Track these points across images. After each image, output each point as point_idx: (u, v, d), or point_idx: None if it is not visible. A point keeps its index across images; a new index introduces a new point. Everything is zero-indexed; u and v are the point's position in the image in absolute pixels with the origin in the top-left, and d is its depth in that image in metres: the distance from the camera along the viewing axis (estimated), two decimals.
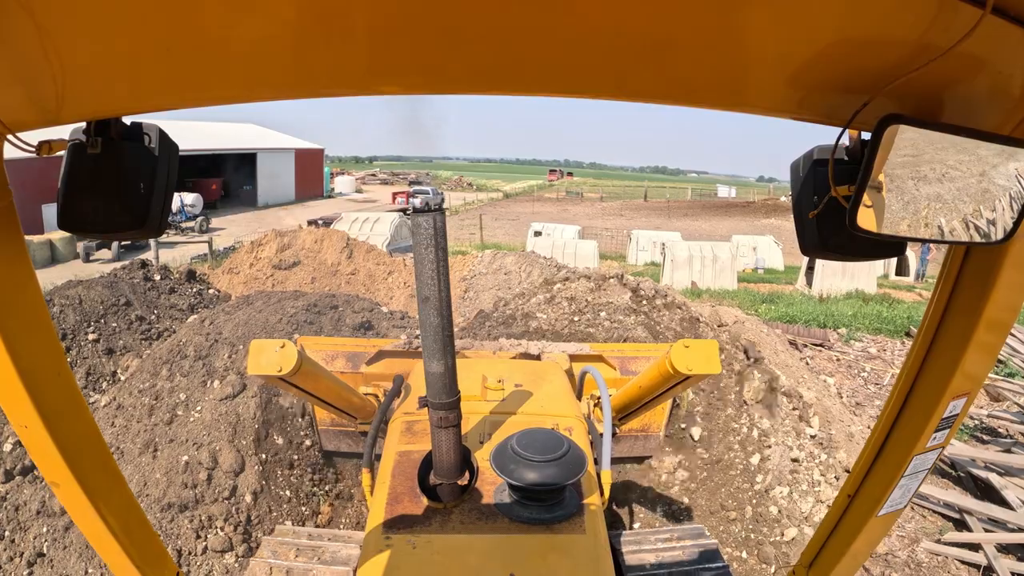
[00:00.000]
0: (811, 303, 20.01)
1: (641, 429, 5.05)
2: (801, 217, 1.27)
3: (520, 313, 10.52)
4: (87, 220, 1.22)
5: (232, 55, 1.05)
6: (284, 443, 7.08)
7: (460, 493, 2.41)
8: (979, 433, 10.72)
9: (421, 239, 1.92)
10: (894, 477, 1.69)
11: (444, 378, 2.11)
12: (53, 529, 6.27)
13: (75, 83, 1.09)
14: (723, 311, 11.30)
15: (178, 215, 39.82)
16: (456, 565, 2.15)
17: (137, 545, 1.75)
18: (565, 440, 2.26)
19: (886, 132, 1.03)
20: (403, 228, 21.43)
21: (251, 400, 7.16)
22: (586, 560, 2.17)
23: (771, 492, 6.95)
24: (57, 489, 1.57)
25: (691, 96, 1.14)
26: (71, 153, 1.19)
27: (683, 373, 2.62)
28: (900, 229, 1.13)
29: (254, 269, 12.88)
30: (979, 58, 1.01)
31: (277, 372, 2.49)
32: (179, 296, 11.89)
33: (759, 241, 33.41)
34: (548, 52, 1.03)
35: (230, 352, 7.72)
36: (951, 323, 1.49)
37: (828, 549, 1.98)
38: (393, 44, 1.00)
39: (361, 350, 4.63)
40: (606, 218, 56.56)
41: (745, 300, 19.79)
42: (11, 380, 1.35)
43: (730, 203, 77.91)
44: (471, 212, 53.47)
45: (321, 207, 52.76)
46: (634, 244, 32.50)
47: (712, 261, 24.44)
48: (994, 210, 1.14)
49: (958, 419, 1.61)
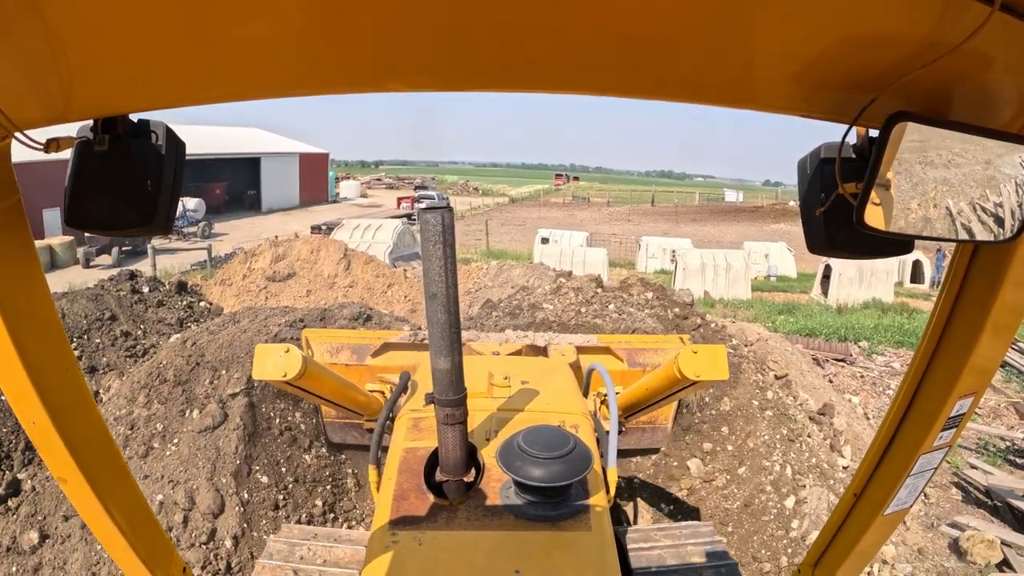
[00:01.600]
0: (829, 314, 19.31)
1: (649, 421, 4.99)
2: (808, 215, 1.27)
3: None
4: (94, 217, 1.23)
5: (238, 53, 1.05)
6: (269, 481, 6.41)
7: (466, 490, 2.40)
8: (1012, 456, 10.06)
9: (429, 236, 1.88)
10: (900, 476, 1.70)
11: (451, 375, 2.09)
12: (23, 569, 5.77)
13: (82, 81, 1.10)
14: (745, 329, 10.62)
15: (180, 220, 39.70)
16: (462, 562, 2.14)
17: (144, 541, 1.79)
18: (571, 437, 2.27)
19: (893, 130, 1.02)
20: (406, 235, 20.78)
21: (232, 433, 6.49)
22: (592, 557, 2.17)
23: (808, 539, 6.23)
24: (65, 485, 1.59)
25: (697, 93, 1.14)
26: (78, 150, 1.19)
27: (691, 379, 2.59)
28: (907, 227, 1.12)
29: (247, 281, 12.23)
30: (987, 55, 0.99)
31: (282, 377, 2.50)
32: (168, 309, 11.25)
33: (771, 248, 32.77)
34: (554, 49, 1.03)
35: (211, 377, 7.07)
36: (958, 322, 1.49)
37: (834, 548, 1.99)
38: (399, 42, 1.00)
39: (366, 342, 4.56)
40: (613, 223, 56.07)
41: (761, 311, 19.08)
42: (19, 377, 1.36)
43: (738, 208, 77.44)
44: (477, 217, 53.04)
45: (325, 212, 52.56)
46: (643, 251, 31.83)
47: (725, 270, 23.74)
48: (1002, 208, 1.12)
49: (965, 418, 1.61)
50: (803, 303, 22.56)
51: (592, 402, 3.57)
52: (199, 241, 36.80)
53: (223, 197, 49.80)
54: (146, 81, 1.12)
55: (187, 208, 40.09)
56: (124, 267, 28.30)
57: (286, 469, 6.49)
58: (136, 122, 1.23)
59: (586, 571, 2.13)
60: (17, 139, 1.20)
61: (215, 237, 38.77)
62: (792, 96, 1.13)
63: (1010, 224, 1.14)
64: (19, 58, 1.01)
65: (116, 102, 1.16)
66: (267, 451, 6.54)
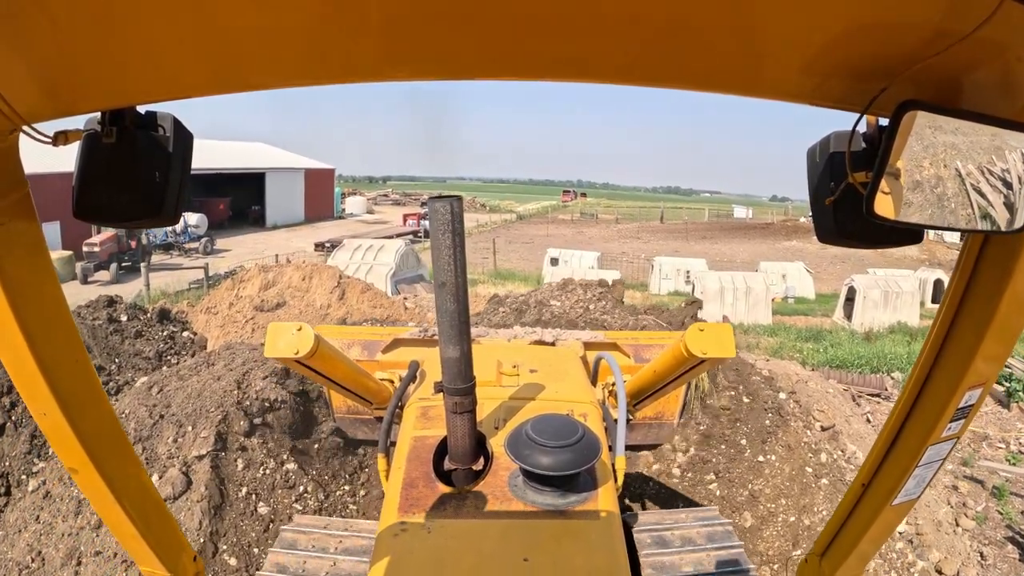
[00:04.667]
0: (858, 342, 18.21)
1: (655, 417, 4.95)
2: (817, 204, 1.26)
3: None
4: (103, 209, 1.23)
5: (245, 43, 1.04)
6: (238, 564, 5.39)
7: (475, 478, 2.40)
8: None
9: (438, 224, 1.87)
10: (908, 467, 1.70)
11: (460, 364, 2.08)
12: None
13: (89, 73, 1.10)
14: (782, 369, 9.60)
15: (182, 236, 39.17)
16: (471, 550, 2.14)
17: (155, 530, 1.82)
18: (580, 426, 2.28)
19: (904, 118, 1.01)
20: (409, 256, 19.77)
21: (196, 505, 5.50)
22: (600, 545, 2.17)
23: None
24: (76, 475, 1.63)
25: (707, 81, 1.13)
26: (86, 143, 1.20)
27: (698, 356, 2.54)
28: (917, 216, 1.10)
29: (233, 310, 11.28)
30: (999, 43, 0.96)
31: (294, 355, 2.47)
32: (147, 341, 10.30)
33: (788, 268, 31.74)
34: (562, 36, 1.01)
35: (176, 434, 6.08)
36: (968, 313, 1.47)
37: (841, 538, 1.99)
38: (406, 30, 0.99)
39: (377, 338, 4.55)
40: (623, 241, 55.20)
41: (786, 340, 17.97)
42: (30, 368, 1.38)
43: (748, 225, 76.38)
44: (484, 235, 52.28)
45: (330, 228, 52.01)
46: (656, 272, 30.75)
47: (745, 293, 22.68)
48: (1013, 198, 1.10)
49: (973, 409, 1.60)
50: (827, 328, 21.47)
51: (600, 391, 3.51)
52: (200, 257, 36.21)
53: (227, 212, 49.48)
54: (153, 73, 1.12)
55: (189, 223, 39.55)
56: (122, 283, 27.87)
57: (259, 551, 5.47)
58: (143, 114, 1.23)
59: (594, 559, 2.14)
60: (25, 133, 1.19)
61: (217, 253, 38.15)
62: (803, 84, 1.12)
63: (1021, 214, 1.11)
64: (26, 52, 1.01)
65: (123, 94, 1.16)
66: (236, 527, 5.53)
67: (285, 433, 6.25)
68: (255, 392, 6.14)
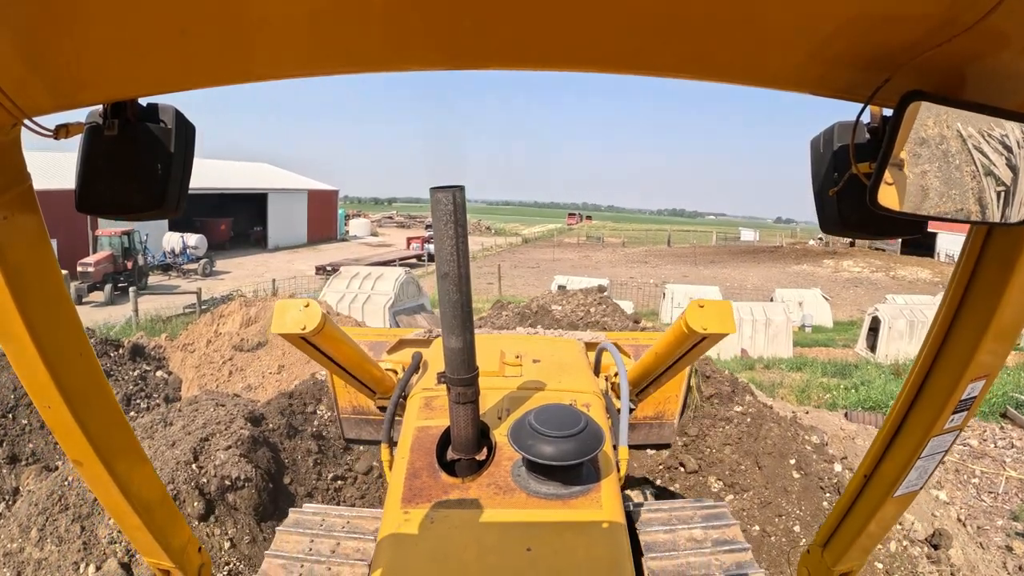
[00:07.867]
0: (887, 378, 17.00)
1: (655, 416, 4.85)
2: (821, 194, 1.26)
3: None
4: (105, 201, 1.23)
5: (247, 34, 1.03)
6: None
7: (478, 468, 2.40)
8: None
9: (440, 215, 1.86)
10: (911, 458, 1.69)
11: (463, 354, 2.08)
12: None
13: (90, 66, 1.09)
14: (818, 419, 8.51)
15: (180, 257, 38.46)
16: (473, 540, 2.15)
17: (159, 521, 1.82)
18: (582, 416, 2.29)
19: (908, 109, 1.00)
20: (409, 285, 18.70)
21: None
22: (602, 535, 2.18)
23: None
24: (80, 468, 1.62)
25: (710, 70, 1.12)
26: (88, 136, 1.19)
27: (699, 333, 2.47)
28: (921, 207, 1.08)
29: (211, 348, 10.22)
30: (1004, 34, 0.94)
31: (301, 330, 2.43)
32: (115, 382, 9.27)
33: (805, 295, 30.59)
34: (567, 25, 0.99)
35: None
36: (971, 305, 1.47)
37: (843, 529, 2.00)
38: (411, 19, 0.98)
39: (383, 339, 4.53)
40: (630, 265, 54.25)
41: (812, 377, 16.77)
42: (34, 361, 1.37)
43: (757, 248, 75.34)
44: (490, 259, 51.41)
45: (333, 251, 51.29)
46: (668, 300, 29.61)
47: (765, 325, 21.54)
48: (1017, 190, 1.08)
49: (976, 401, 1.58)
50: (851, 361, 20.28)
51: (603, 381, 3.47)
52: (198, 279, 35.43)
53: (228, 233, 49.06)
54: (155, 64, 1.09)
55: (187, 244, 38.82)
56: (116, 304, 26.94)
57: None
58: (145, 106, 1.21)
59: (597, 549, 2.13)
60: (26, 126, 1.18)
61: (216, 275, 37.39)
62: (806, 73, 1.11)
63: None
64: (26, 44, 1.00)
65: (125, 86, 1.15)
66: None
67: (250, 515, 5.17)
68: (214, 468, 5.07)
